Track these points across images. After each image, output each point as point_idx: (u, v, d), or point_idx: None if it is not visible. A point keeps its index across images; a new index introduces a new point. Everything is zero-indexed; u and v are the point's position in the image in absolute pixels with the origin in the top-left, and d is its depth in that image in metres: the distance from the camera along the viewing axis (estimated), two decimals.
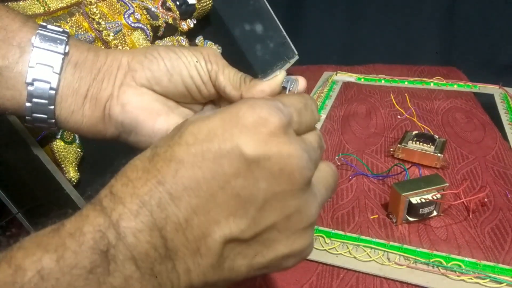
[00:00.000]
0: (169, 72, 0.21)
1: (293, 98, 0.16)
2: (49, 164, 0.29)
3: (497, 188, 0.39)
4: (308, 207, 0.15)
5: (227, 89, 0.21)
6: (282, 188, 0.14)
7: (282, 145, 0.14)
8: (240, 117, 0.14)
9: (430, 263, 0.30)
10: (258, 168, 0.14)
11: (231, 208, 0.14)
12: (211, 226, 0.14)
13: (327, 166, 0.18)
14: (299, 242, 0.15)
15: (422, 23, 0.74)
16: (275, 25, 0.61)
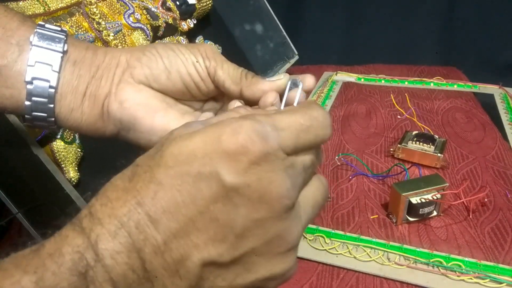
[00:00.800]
0: (167, 70, 0.21)
1: (293, 117, 0.15)
2: (49, 164, 0.29)
3: (497, 188, 0.39)
4: (289, 232, 0.15)
5: (227, 84, 0.21)
6: (261, 215, 0.14)
7: (263, 173, 0.13)
8: (222, 141, 0.13)
9: (430, 263, 0.30)
10: (237, 195, 0.13)
11: (209, 232, 0.14)
12: (190, 249, 0.14)
13: (318, 182, 0.16)
14: (280, 265, 0.15)
15: (422, 23, 0.74)
16: (275, 25, 0.61)
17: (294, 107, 0.17)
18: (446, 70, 0.66)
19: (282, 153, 0.14)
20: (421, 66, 0.68)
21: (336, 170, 0.43)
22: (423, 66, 0.68)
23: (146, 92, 0.21)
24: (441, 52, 0.74)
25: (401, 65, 0.69)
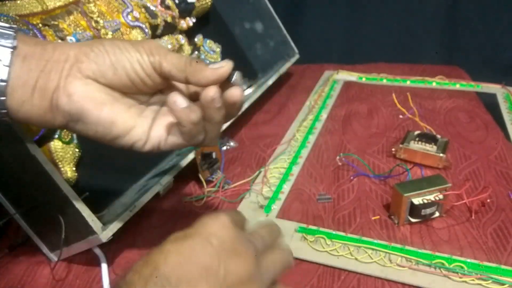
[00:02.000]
0: (113, 66, 0.22)
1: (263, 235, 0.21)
2: (46, 164, 0.29)
3: (499, 188, 0.38)
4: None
5: (172, 72, 0.23)
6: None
7: (224, 257, 0.17)
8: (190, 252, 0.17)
9: (432, 264, 0.30)
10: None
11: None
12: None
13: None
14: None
15: (424, 21, 0.73)
16: (276, 24, 0.60)
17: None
18: (449, 69, 0.65)
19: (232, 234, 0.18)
20: (423, 65, 0.67)
21: (337, 171, 0.43)
22: (425, 65, 0.67)
23: (93, 86, 0.22)
24: (444, 51, 0.74)
25: (403, 64, 0.68)
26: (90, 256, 0.33)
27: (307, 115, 0.54)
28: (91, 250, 0.33)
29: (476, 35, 0.71)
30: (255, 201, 0.39)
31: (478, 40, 0.71)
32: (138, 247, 0.34)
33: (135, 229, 0.35)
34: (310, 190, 0.40)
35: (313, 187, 0.41)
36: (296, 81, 0.66)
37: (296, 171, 0.43)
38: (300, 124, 0.52)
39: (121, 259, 0.33)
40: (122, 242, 0.34)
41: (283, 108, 0.58)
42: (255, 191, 0.40)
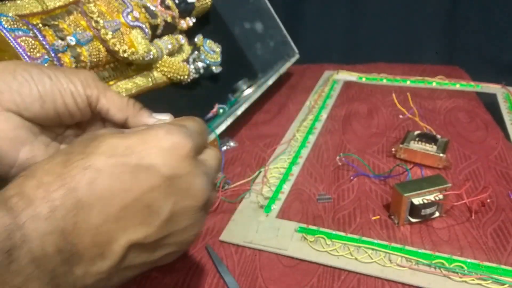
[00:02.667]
0: (41, 99, 0.19)
1: (192, 123, 0.19)
2: None
3: (500, 188, 0.38)
4: (202, 221, 0.18)
5: (111, 112, 0.21)
6: (187, 204, 0.17)
7: (191, 167, 0.17)
8: (159, 139, 0.16)
9: (432, 264, 0.30)
10: (171, 185, 0.16)
11: (140, 217, 0.16)
12: (119, 233, 0.15)
13: (214, 154, 0.20)
14: (186, 244, 0.18)
15: (424, 21, 0.73)
16: (276, 24, 0.60)
17: (189, 118, 0.20)
18: (449, 69, 0.65)
19: (194, 147, 0.17)
20: (423, 65, 0.67)
21: (337, 171, 0.43)
22: (425, 65, 0.67)
23: (13, 122, 0.19)
24: (444, 51, 0.74)
25: (403, 64, 0.68)
26: None
27: (307, 115, 0.54)
28: None
29: (476, 35, 0.71)
30: (255, 201, 0.39)
31: (478, 40, 0.71)
32: None
33: None
34: (310, 190, 0.40)
35: (313, 187, 0.41)
36: (296, 81, 0.66)
37: (296, 171, 0.43)
38: (300, 124, 0.52)
39: None
40: None
41: (283, 108, 0.58)
42: (255, 191, 0.40)
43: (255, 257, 0.32)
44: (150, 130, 0.16)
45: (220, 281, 0.30)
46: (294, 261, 0.32)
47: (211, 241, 0.34)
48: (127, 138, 0.16)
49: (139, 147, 0.16)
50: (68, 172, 0.15)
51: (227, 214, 0.37)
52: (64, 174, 0.15)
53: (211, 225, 0.36)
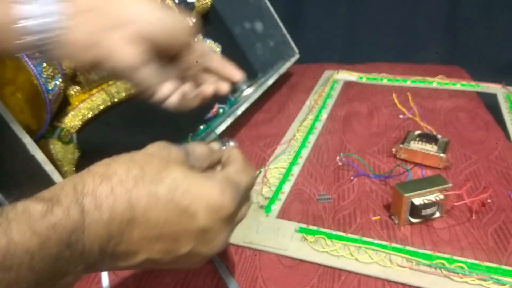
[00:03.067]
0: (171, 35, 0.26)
1: (248, 179, 0.22)
2: (46, 164, 0.29)
3: (500, 188, 0.38)
4: (205, 261, 0.22)
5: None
6: (203, 250, 0.20)
7: (222, 227, 0.20)
8: (211, 196, 0.19)
9: (432, 264, 0.30)
10: (199, 234, 0.20)
11: (164, 246, 0.19)
12: (145, 249, 0.19)
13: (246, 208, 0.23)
14: (187, 268, 0.23)
15: (425, 21, 0.73)
16: (276, 23, 0.60)
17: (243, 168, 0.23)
18: (449, 69, 0.65)
19: (235, 210, 0.21)
20: (424, 65, 0.67)
21: (337, 171, 0.43)
22: (426, 65, 0.67)
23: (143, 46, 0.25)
24: (444, 51, 0.74)
25: (403, 64, 0.68)
26: None
27: (307, 115, 0.54)
28: None
29: (477, 35, 0.71)
30: (255, 201, 0.39)
31: (478, 40, 0.71)
32: None
33: None
34: (310, 190, 0.40)
35: (313, 187, 0.41)
36: (296, 81, 0.66)
37: (296, 171, 0.43)
38: (300, 124, 0.51)
39: None
40: None
41: (283, 108, 0.58)
42: (255, 191, 0.40)
43: (255, 257, 0.32)
44: (209, 184, 0.20)
45: (220, 281, 0.30)
46: (294, 262, 0.32)
47: None
48: (189, 181, 0.19)
49: (193, 195, 0.19)
50: (136, 190, 0.18)
51: None
52: (132, 192, 0.18)
53: None
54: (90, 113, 0.37)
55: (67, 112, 0.36)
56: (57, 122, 0.35)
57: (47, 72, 0.31)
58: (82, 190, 0.17)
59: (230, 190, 0.20)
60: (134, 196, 0.18)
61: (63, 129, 0.34)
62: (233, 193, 0.20)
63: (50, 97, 0.31)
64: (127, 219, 0.18)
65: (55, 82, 0.32)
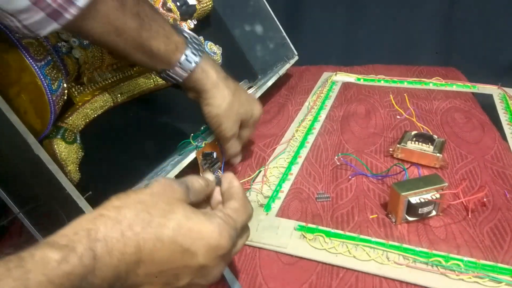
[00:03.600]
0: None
1: (245, 217, 0.25)
2: (50, 164, 0.29)
3: (496, 188, 0.39)
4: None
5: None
6: (199, 282, 0.23)
7: (219, 262, 0.23)
8: (210, 237, 0.22)
9: (429, 262, 0.30)
10: (198, 270, 0.22)
11: (166, 280, 0.22)
12: (148, 283, 0.21)
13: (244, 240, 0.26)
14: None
15: (421, 23, 0.74)
16: (275, 26, 0.61)
17: (241, 206, 0.25)
18: (445, 71, 0.66)
19: (231, 248, 0.23)
20: (420, 67, 0.68)
21: (336, 170, 0.43)
22: (422, 66, 0.68)
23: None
24: (440, 53, 0.74)
25: (400, 66, 0.69)
26: None
27: (306, 116, 0.54)
28: None
29: (473, 36, 0.72)
30: (255, 200, 0.39)
31: (474, 41, 0.72)
32: None
33: None
34: (309, 189, 0.41)
35: (312, 186, 0.41)
36: (295, 82, 0.67)
37: (295, 170, 0.44)
38: (299, 124, 0.52)
39: None
40: None
41: (282, 108, 0.58)
42: (255, 190, 0.40)
43: (255, 254, 0.33)
44: (209, 225, 0.22)
45: (220, 278, 0.31)
46: (293, 259, 0.32)
47: None
48: (191, 222, 0.22)
49: (194, 236, 0.22)
50: (143, 234, 0.21)
51: None
52: (140, 235, 0.20)
53: None
54: (93, 113, 0.38)
55: (70, 113, 0.36)
56: (61, 122, 0.35)
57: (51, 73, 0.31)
58: (95, 236, 0.19)
59: (228, 231, 0.23)
60: (142, 240, 0.20)
61: (66, 129, 0.35)
62: (230, 233, 0.23)
63: (54, 98, 0.32)
64: (134, 260, 0.20)
65: (59, 83, 0.32)
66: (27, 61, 0.30)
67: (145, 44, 0.32)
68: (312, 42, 0.78)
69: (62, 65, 0.34)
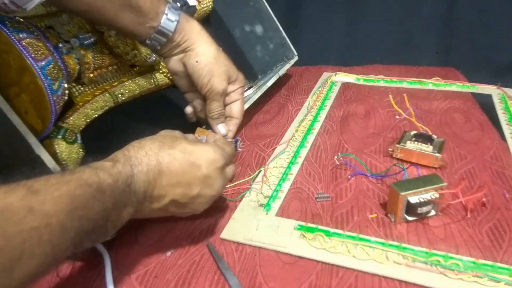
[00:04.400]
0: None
1: (229, 148, 0.34)
2: (51, 164, 0.29)
3: (495, 187, 0.39)
4: (211, 202, 0.33)
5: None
6: (207, 191, 0.31)
7: (218, 174, 0.31)
8: (208, 153, 0.31)
9: (428, 262, 0.30)
10: (204, 179, 0.30)
11: (182, 189, 0.30)
12: (170, 192, 0.29)
13: (232, 168, 0.35)
14: (198, 210, 0.32)
15: (420, 24, 0.74)
16: (275, 26, 0.61)
17: (225, 142, 0.35)
18: (445, 71, 0.66)
19: (224, 164, 0.32)
20: (420, 67, 0.68)
21: (335, 170, 0.44)
22: (422, 66, 0.68)
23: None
24: (440, 53, 0.75)
25: (400, 66, 0.69)
26: (93, 253, 0.33)
27: (306, 116, 0.54)
28: (94, 247, 0.33)
29: (472, 37, 0.72)
30: (255, 200, 0.39)
31: (474, 41, 0.72)
32: (141, 244, 0.35)
33: (137, 227, 0.36)
34: (308, 189, 0.41)
35: (311, 186, 0.41)
36: (295, 83, 0.67)
37: (295, 170, 0.44)
38: (299, 124, 0.52)
39: (123, 256, 0.33)
40: (125, 239, 0.35)
41: (282, 108, 0.58)
42: (255, 190, 0.41)
43: (255, 254, 0.33)
44: (206, 147, 0.31)
45: (221, 277, 0.31)
46: (293, 258, 0.32)
47: (212, 238, 0.35)
48: (194, 146, 0.31)
49: (197, 153, 0.30)
50: (160, 153, 0.29)
51: (228, 212, 0.38)
52: (158, 154, 0.29)
53: (212, 223, 0.36)
54: (94, 113, 0.38)
55: (71, 113, 0.36)
56: (62, 122, 0.35)
57: (52, 73, 0.32)
58: (128, 154, 0.28)
59: (220, 150, 0.32)
60: (160, 157, 0.28)
61: (67, 129, 0.35)
62: (221, 152, 0.32)
63: (55, 98, 0.32)
64: (158, 170, 0.28)
65: (59, 83, 0.32)
66: (28, 61, 0.30)
67: (132, 1, 0.33)
68: (312, 42, 0.78)
69: (63, 65, 0.34)
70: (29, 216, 0.19)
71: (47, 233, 0.20)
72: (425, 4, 0.72)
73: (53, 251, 0.20)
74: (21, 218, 0.19)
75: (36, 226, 0.19)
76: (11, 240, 0.18)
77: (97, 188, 0.24)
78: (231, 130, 0.43)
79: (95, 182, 0.24)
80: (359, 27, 0.77)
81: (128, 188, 0.26)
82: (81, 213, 0.22)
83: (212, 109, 0.41)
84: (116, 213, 0.25)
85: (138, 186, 0.27)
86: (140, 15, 0.34)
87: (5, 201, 0.19)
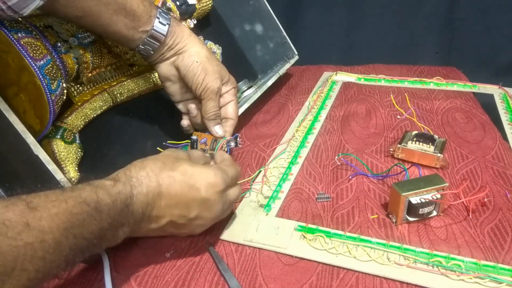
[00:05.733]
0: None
1: (233, 171, 0.33)
2: (49, 164, 0.29)
3: (496, 188, 0.39)
4: (209, 225, 0.33)
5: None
6: (205, 214, 0.31)
7: (217, 198, 0.31)
8: (209, 177, 0.30)
9: (430, 263, 0.30)
10: (202, 203, 0.30)
11: (180, 210, 0.30)
12: (168, 214, 0.29)
13: (236, 191, 0.34)
14: (195, 232, 0.33)
15: (422, 23, 0.74)
16: (275, 25, 0.61)
17: (231, 164, 0.34)
18: (446, 70, 0.66)
19: (225, 188, 0.31)
20: (421, 66, 0.68)
21: (336, 170, 0.43)
22: (423, 66, 0.68)
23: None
24: (441, 52, 0.74)
25: (401, 65, 0.69)
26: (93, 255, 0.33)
27: (306, 116, 0.54)
28: None
29: (473, 36, 0.72)
30: (255, 200, 0.39)
31: (475, 41, 0.72)
32: (140, 245, 0.34)
33: None
34: (309, 190, 0.41)
35: (312, 187, 0.41)
36: (295, 82, 0.67)
37: (296, 170, 0.43)
38: (299, 124, 0.52)
39: (123, 258, 0.33)
40: (124, 241, 0.34)
41: (282, 108, 0.58)
42: (255, 190, 0.40)
43: (255, 255, 0.33)
44: (207, 170, 0.31)
45: (220, 279, 0.31)
46: (293, 259, 0.32)
47: (212, 239, 0.34)
48: (195, 168, 0.30)
49: (197, 176, 0.30)
50: (161, 174, 0.29)
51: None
52: (159, 175, 0.29)
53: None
54: (93, 113, 0.38)
55: (70, 112, 0.36)
56: (60, 122, 0.35)
57: (50, 72, 0.31)
58: (130, 174, 0.28)
59: (221, 174, 0.31)
60: (160, 179, 0.29)
61: (66, 129, 0.35)
62: (223, 176, 0.31)
63: (53, 98, 0.32)
64: (157, 192, 0.28)
65: (58, 82, 0.32)
66: (26, 60, 0.30)
67: (127, 5, 0.34)
68: (312, 42, 0.78)
69: (61, 64, 0.34)
70: (25, 232, 0.20)
71: (41, 250, 0.20)
72: (426, 4, 0.72)
73: (45, 268, 0.20)
74: (17, 234, 0.19)
75: (31, 242, 0.20)
76: (5, 255, 0.18)
77: (95, 207, 0.24)
78: (228, 131, 0.43)
79: (93, 201, 0.24)
80: (360, 26, 0.77)
81: (127, 208, 0.26)
82: (77, 231, 0.22)
83: (208, 109, 0.40)
84: (112, 232, 0.26)
85: (137, 207, 0.27)
86: (134, 19, 0.34)
87: (4, 216, 0.20)
